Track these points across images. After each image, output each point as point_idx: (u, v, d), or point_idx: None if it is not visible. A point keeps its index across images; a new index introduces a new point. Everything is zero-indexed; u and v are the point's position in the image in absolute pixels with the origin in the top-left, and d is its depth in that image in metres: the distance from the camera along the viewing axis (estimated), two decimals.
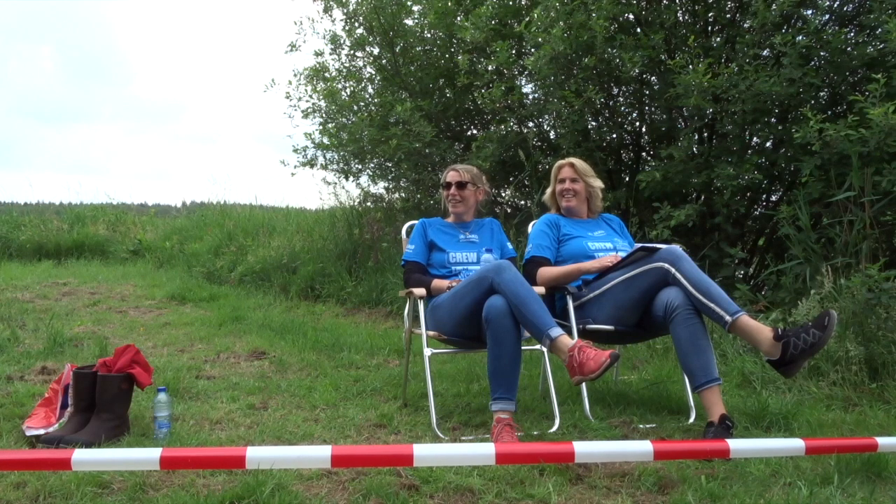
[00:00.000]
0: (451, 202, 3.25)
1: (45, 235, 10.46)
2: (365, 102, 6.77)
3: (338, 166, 7.29)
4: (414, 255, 3.13)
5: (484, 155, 5.39)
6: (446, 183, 3.26)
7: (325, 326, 5.13)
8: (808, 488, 2.05)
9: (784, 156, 4.55)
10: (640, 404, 3.07)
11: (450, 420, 2.88)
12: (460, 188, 3.23)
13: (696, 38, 4.54)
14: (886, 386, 3.12)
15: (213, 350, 4.27)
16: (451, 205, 3.25)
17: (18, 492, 2.05)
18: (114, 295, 6.77)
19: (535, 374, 3.50)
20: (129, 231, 11.17)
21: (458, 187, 3.23)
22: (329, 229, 7.38)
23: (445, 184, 3.27)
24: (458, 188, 3.23)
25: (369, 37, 6.61)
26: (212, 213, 10.16)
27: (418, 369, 3.27)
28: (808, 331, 2.45)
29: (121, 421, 2.60)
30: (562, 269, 3.07)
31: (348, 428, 2.77)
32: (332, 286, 6.37)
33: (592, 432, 2.69)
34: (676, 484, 2.13)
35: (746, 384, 3.37)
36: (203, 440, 2.58)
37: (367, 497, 2.04)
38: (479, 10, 5.26)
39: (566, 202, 3.28)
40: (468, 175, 3.25)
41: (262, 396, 3.23)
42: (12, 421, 2.72)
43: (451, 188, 3.24)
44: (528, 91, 5.74)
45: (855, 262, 3.67)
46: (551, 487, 2.10)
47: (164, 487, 2.10)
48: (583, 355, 2.36)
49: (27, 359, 3.87)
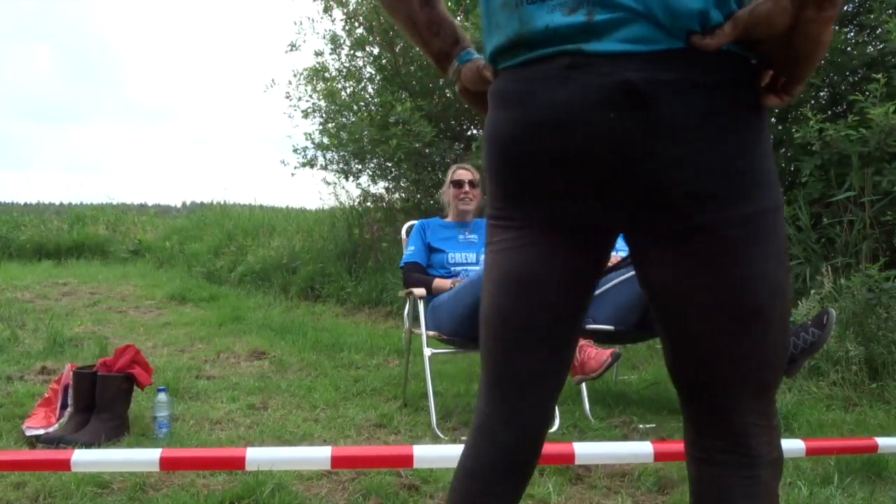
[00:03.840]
0: (462, 201, 3.24)
1: (45, 235, 10.46)
2: (365, 102, 6.77)
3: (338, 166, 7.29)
4: (413, 257, 3.13)
5: None
6: (457, 181, 3.25)
7: (325, 326, 5.12)
8: (808, 488, 2.05)
9: (784, 156, 4.55)
10: (640, 404, 3.07)
11: (450, 420, 2.88)
12: (472, 186, 3.23)
13: None
14: (886, 386, 3.12)
15: (213, 350, 4.27)
16: (462, 203, 3.24)
17: (18, 492, 2.05)
18: (114, 295, 6.77)
19: None
20: (129, 231, 11.17)
21: (471, 185, 3.23)
22: (329, 229, 7.38)
23: (456, 182, 3.25)
24: (470, 186, 3.23)
25: (369, 37, 6.62)
26: (212, 213, 10.17)
27: (418, 369, 3.27)
28: (808, 330, 2.45)
29: (121, 421, 2.60)
30: None
31: (348, 428, 2.77)
32: (332, 286, 6.37)
33: (592, 432, 2.69)
34: (676, 484, 2.13)
35: None
36: (203, 440, 2.58)
37: (367, 497, 2.05)
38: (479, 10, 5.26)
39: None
40: (476, 174, 3.27)
41: (262, 396, 3.23)
42: (12, 421, 2.72)
43: (463, 186, 3.23)
44: None
45: (855, 262, 3.67)
46: (551, 487, 2.10)
47: (164, 487, 2.10)
48: (584, 354, 2.36)
49: (27, 359, 3.87)
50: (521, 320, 0.95)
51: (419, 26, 1.01)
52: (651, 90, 0.79)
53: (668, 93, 0.79)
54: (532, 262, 0.93)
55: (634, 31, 0.80)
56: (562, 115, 0.83)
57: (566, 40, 0.83)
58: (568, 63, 0.82)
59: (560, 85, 0.83)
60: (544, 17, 0.84)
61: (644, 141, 0.81)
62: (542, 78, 0.85)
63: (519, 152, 0.89)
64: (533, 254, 0.93)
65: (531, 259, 0.93)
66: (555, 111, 0.84)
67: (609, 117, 0.81)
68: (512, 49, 0.89)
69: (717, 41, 0.79)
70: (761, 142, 0.84)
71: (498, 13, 0.91)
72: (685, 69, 0.79)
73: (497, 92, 0.92)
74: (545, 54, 0.85)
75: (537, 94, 0.85)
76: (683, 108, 0.79)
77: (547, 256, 0.92)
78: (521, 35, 0.87)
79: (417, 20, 1.00)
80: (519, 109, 0.88)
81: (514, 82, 0.89)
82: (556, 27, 0.83)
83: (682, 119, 0.80)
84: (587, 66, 0.81)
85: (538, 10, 0.85)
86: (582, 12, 0.81)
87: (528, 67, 0.87)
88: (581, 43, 0.82)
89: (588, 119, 0.82)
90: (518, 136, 0.88)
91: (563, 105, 0.83)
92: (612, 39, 0.80)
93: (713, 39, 0.79)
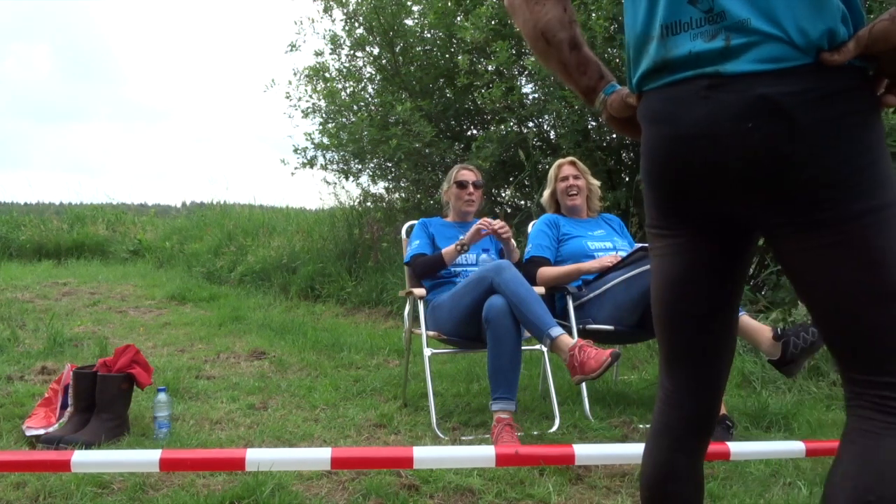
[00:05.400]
0: (466, 203, 3.23)
1: (45, 235, 10.45)
2: (365, 102, 6.76)
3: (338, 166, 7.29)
4: (420, 249, 3.10)
5: (484, 155, 5.39)
6: (461, 182, 3.24)
7: (325, 326, 5.12)
8: (808, 488, 2.05)
9: None
10: (640, 404, 3.07)
11: (450, 420, 2.88)
12: (476, 188, 3.23)
13: None
14: None
15: (213, 350, 4.27)
16: (465, 204, 3.24)
17: (18, 492, 2.05)
18: (114, 295, 6.77)
19: (535, 374, 3.50)
20: (128, 231, 11.16)
21: (475, 187, 3.23)
22: (329, 229, 7.38)
23: (460, 183, 3.24)
24: (474, 188, 3.23)
25: (369, 37, 6.61)
26: (212, 213, 10.16)
27: (418, 369, 3.27)
28: (808, 329, 2.45)
29: (121, 421, 2.60)
30: (562, 269, 3.07)
31: (348, 428, 2.77)
32: (332, 286, 6.37)
33: (592, 432, 2.69)
34: None
35: (746, 384, 3.37)
36: (203, 440, 2.58)
37: (367, 497, 2.05)
38: (479, 11, 5.26)
39: (570, 200, 3.27)
40: (479, 176, 3.27)
41: (262, 396, 3.23)
42: (12, 421, 2.72)
43: (467, 187, 3.23)
44: (528, 91, 5.74)
45: None
46: (551, 487, 2.10)
47: (164, 487, 2.10)
48: (583, 354, 2.36)
49: (27, 359, 3.87)
50: (684, 313, 1.15)
51: (569, 68, 1.18)
52: (786, 102, 0.93)
53: (800, 103, 0.93)
54: (686, 266, 1.12)
55: (767, 52, 0.94)
56: (705, 128, 0.98)
57: (705, 63, 0.98)
58: (707, 84, 0.98)
59: (701, 102, 0.98)
60: (687, 45, 1.00)
61: (781, 146, 0.94)
62: (684, 97, 1.00)
63: (672, 163, 1.05)
64: (686, 259, 1.12)
65: (685, 264, 1.12)
66: (698, 126, 0.99)
67: (747, 128, 0.95)
68: (656, 72, 1.05)
69: (843, 57, 0.92)
70: (880, 141, 0.97)
71: (644, 44, 1.07)
72: (813, 81, 0.93)
73: (646, 111, 1.09)
74: (685, 77, 1.01)
75: (682, 112, 1.01)
76: (814, 115, 0.93)
77: (698, 260, 1.11)
78: (666, 60, 1.03)
79: (568, 63, 1.18)
80: (667, 125, 1.04)
81: (660, 101, 1.05)
82: (697, 52, 0.99)
83: (813, 125, 0.93)
84: (725, 86, 0.96)
85: (681, 39, 1.01)
86: (720, 38, 0.97)
87: (671, 88, 1.03)
88: (718, 65, 0.97)
89: (729, 131, 0.96)
90: (669, 148, 1.04)
91: (706, 120, 0.98)
92: (746, 60, 0.95)
93: (840, 55, 0.92)
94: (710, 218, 1.07)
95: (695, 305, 1.14)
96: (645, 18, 1.07)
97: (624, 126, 1.20)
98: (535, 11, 1.17)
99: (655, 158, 1.08)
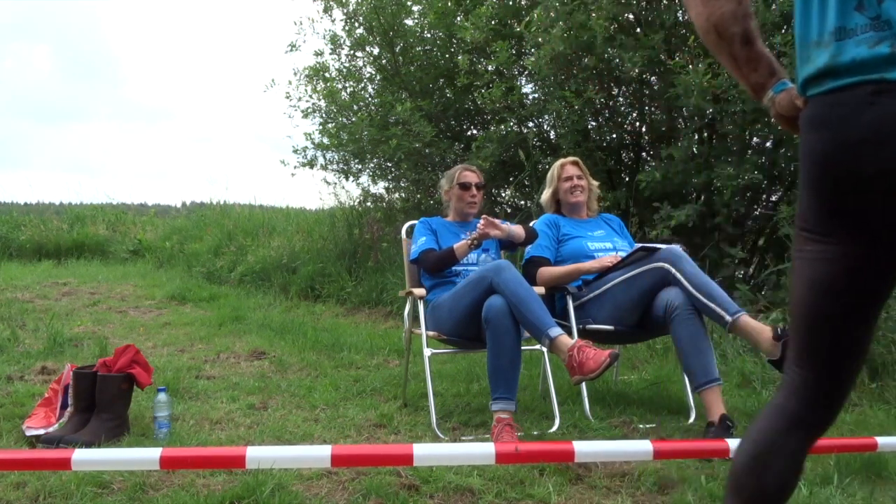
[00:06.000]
0: (468, 204, 3.23)
1: (45, 235, 10.45)
2: (365, 102, 6.77)
3: (338, 166, 7.29)
4: (427, 244, 3.08)
5: (484, 155, 5.39)
6: (465, 184, 3.22)
7: (325, 326, 5.13)
8: (808, 488, 2.05)
9: (784, 156, 4.55)
10: (640, 404, 3.07)
11: (450, 420, 2.88)
12: (478, 189, 3.23)
13: (695, 38, 4.54)
14: (886, 386, 3.13)
15: (213, 350, 4.27)
16: (467, 206, 3.23)
17: (18, 492, 2.05)
18: (114, 295, 6.77)
19: (535, 374, 3.50)
20: (128, 231, 11.17)
21: (477, 188, 3.22)
22: (329, 229, 7.38)
23: (464, 184, 3.22)
24: (476, 189, 3.22)
25: (369, 37, 6.61)
26: (212, 213, 10.15)
27: (418, 369, 3.27)
28: None
29: (121, 421, 2.60)
30: (561, 269, 3.07)
31: (348, 428, 2.77)
32: (332, 286, 6.37)
33: (592, 432, 2.69)
34: (676, 484, 2.13)
35: (746, 384, 3.37)
36: (203, 440, 2.58)
37: (367, 497, 2.05)
38: (479, 11, 5.26)
39: (574, 198, 3.26)
40: (482, 177, 3.26)
41: (262, 396, 3.23)
42: (12, 421, 2.72)
43: (470, 189, 3.21)
44: (528, 91, 5.75)
45: None
46: (551, 487, 2.10)
47: (164, 487, 2.10)
48: (582, 355, 2.36)
49: (27, 359, 3.87)
50: (827, 317, 1.15)
51: (739, 62, 1.18)
52: None
53: None
54: (837, 273, 1.12)
55: None
56: (871, 134, 1.00)
57: (869, 70, 1.00)
58: (872, 90, 1.00)
59: (867, 108, 1.00)
60: (851, 51, 1.02)
61: None
62: (849, 103, 1.02)
63: (835, 168, 1.06)
64: (837, 267, 1.11)
65: (836, 272, 1.12)
66: (865, 131, 1.01)
67: None
68: (820, 78, 1.07)
69: None
70: None
71: (810, 49, 1.09)
72: None
73: (808, 117, 1.10)
74: (850, 83, 1.02)
75: (847, 117, 1.02)
76: None
77: (851, 268, 1.11)
78: (830, 66, 1.05)
79: (739, 57, 1.18)
80: (830, 131, 1.05)
81: (823, 107, 1.07)
82: (861, 59, 1.01)
83: None
84: (891, 92, 0.99)
85: (845, 45, 1.03)
86: (885, 45, 0.99)
87: (834, 94, 1.05)
88: (884, 72, 0.99)
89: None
90: (832, 154, 1.05)
91: (872, 125, 1.00)
92: None
93: None
94: (870, 225, 1.06)
95: (840, 312, 1.14)
96: (815, 23, 1.08)
97: (793, 124, 1.19)
98: (708, 4, 1.17)
99: (818, 163, 1.08)
